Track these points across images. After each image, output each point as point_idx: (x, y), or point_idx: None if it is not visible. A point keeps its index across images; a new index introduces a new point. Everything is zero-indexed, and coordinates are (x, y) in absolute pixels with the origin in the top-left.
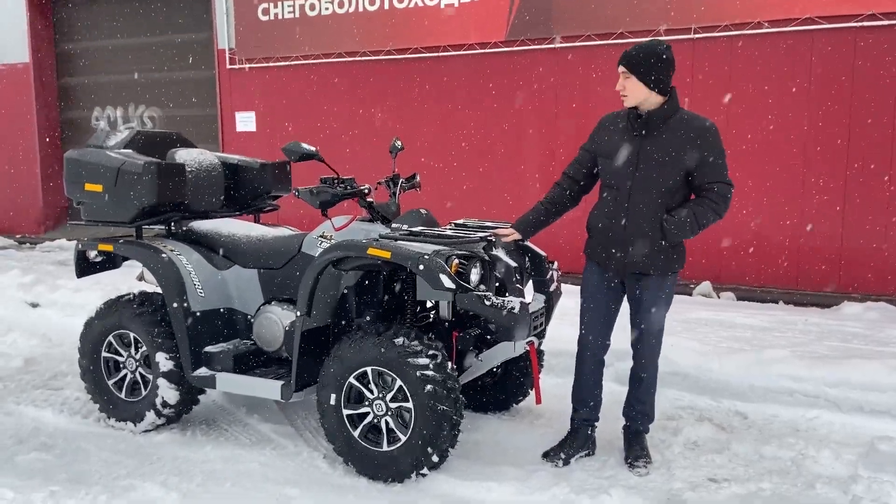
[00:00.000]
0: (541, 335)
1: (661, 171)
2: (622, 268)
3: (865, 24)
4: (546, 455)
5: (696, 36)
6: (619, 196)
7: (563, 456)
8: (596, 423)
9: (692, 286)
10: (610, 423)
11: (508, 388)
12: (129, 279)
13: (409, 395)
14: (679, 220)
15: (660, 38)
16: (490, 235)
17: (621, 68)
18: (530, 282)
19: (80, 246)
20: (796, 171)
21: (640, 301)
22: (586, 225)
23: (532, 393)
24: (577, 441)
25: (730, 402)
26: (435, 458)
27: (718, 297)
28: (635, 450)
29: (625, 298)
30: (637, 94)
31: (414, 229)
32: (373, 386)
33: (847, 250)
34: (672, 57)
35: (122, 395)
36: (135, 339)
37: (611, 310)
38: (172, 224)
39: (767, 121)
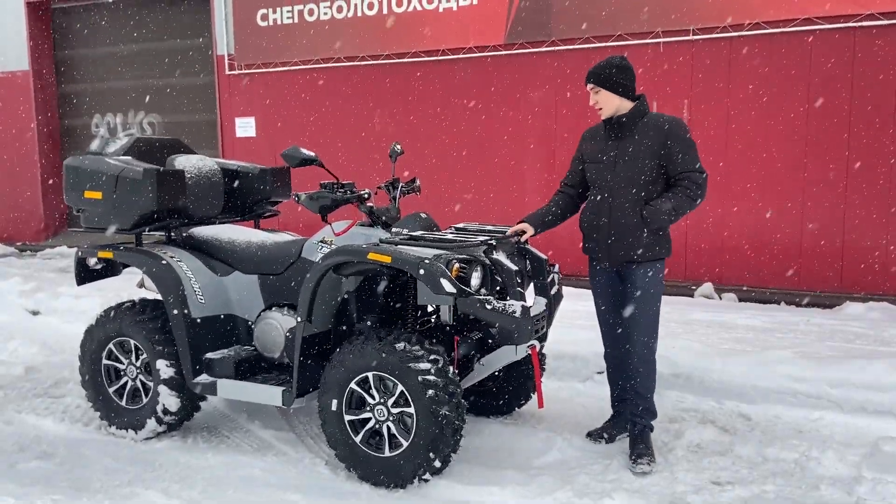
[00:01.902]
0: (542, 339)
1: (636, 168)
2: (611, 258)
3: (865, 23)
4: (590, 434)
5: (696, 37)
6: (602, 195)
7: (605, 436)
8: None
9: (693, 287)
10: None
11: (510, 392)
12: (130, 286)
13: (410, 400)
14: (657, 208)
15: (659, 39)
16: (491, 239)
17: (590, 86)
18: (531, 285)
19: (80, 253)
20: (797, 171)
21: (630, 288)
22: (579, 225)
23: (534, 397)
24: (620, 422)
25: (732, 404)
26: (437, 464)
27: (720, 299)
28: (639, 448)
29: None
30: (610, 104)
31: (414, 233)
32: (374, 391)
33: (848, 250)
34: (630, 65)
35: (123, 403)
36: (135, 346)
37: (617, 301)
38: (172, 230)
39: (767, 120)
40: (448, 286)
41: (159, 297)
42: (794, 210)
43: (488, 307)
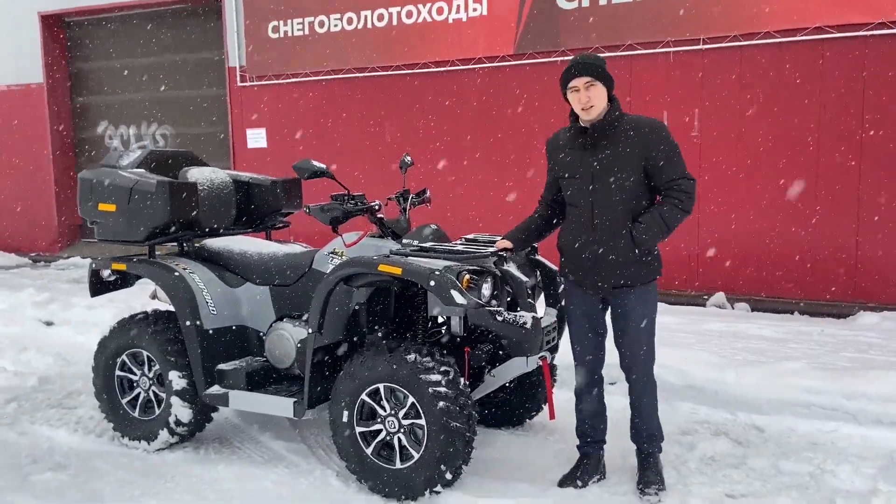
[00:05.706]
0: (553, 350)
1: (618, 181)
2: (597, 285)
3: (875, 32)
4: (562, 484)
5: (706, 46)
6: (582, 213)
7: (578, 484)
8: (603, 445)
9: (705, 297)
10: (626, 439)
11: (521, 403)
12: (143, 297)
13: (421, 411)
14: (646, 226)
15: (668, 48)
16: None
17: (586, 79)
18: (542, 296)
19: (93, 265)
20: (809, 180)
21: (626, 317)
22: (557, 245)
23: (545, 408)
24: (588, 466)
25: (746, 416)
26: (448, 476)
27: (732, 308)
28: (648, 475)
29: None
30: (602, 101)
31: (425, 245)
32: (385, 403)
33: (862, 259)
34: None
35: (136, 414)
36: (148, 357)
37: (598, 325)
38: (185, 242)
39: (778, 130)
40: (459, 297)
41: (172, 308)
42: (806, 218)
43: (499, 318)
